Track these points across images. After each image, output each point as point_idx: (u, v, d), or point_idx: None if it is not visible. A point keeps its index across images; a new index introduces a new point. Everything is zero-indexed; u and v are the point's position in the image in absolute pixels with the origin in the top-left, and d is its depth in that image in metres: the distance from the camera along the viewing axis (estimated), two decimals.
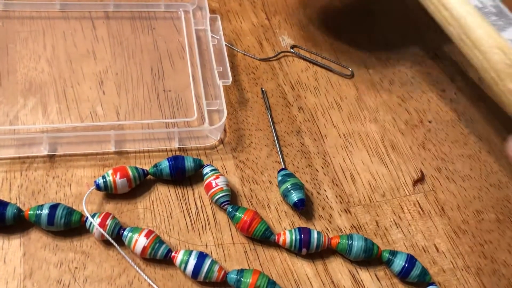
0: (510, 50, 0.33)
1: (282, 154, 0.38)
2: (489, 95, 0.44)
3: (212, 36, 0.42)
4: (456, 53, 0.46)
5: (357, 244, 0.33)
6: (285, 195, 0.35)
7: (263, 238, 0.33)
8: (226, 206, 0.34)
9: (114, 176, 0.33)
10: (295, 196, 0.34)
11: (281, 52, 0.45)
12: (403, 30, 0.48)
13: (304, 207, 0.34)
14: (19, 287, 0.30)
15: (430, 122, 0.42)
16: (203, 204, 0.35)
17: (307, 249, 0.33)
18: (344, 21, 0.48)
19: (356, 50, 0.46)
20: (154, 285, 0.31)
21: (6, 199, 0.33)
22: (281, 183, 0.35)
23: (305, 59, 0.45)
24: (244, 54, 0.44)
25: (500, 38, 0.33)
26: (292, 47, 0.45)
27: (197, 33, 0.43)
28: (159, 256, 0.31)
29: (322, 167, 0.38)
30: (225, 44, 0.42)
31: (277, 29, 0.46)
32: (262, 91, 0.41)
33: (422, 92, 0.44)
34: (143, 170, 0.35)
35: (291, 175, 0.36)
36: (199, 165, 0.35)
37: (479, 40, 0.34)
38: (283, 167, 0.37)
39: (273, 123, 0.40)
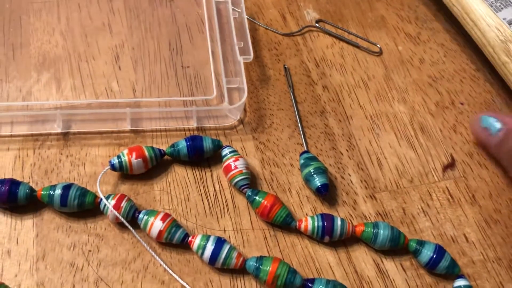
0: (504, 28, 0.38)
1: (305, 136, 0.36)
2: None
3: (233, 9, 0.40)
4: None
5: (383, 233, 0.31)
6: (307, 180, 0.33)
7: (284, 224, 0.32)
8: (245, 189, 0.32)
9: (130, 156, 0.32)
10: (318, 181, 0.33)
11: (306, 26, 0.42)
12: (435, 5, 0.46)
13: (327, 192, 0.33)
14: (32, 269, 0.29)
15: (462, 104, 0.40)
16: (222, 187, 0.33)
17: (330, 236, 0.31)
18: None
19: (385, 26, 0.44)
20: (170, 270, 0.30)
21: (18, 178, 0.32)
22: (303, 166, 0.34)
23: (330, 34, 0.42)
24: (266, 29, 0.42)
25: (497, 18, 0.38)
26: (318, 21, 0.43)
27: (217, 6, 0.41)
28: (175, 241, 0.30)
29: (347, 150, 0.36)
30: (247, 18, 0.40)
31: (301, 2, 0.44)
32: (285, 68, 0.39)
33: (455, 72, 0.41)
34: (159, 150, 0.33)
35: (314, 158, 0.34)
36: (218, 146, 0.34)
37: (478, 19, 0.39)
38: (306, 149, 0.35)
39: (296, 102, 0.38)
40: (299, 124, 0.37)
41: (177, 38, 0.40)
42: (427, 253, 0.31)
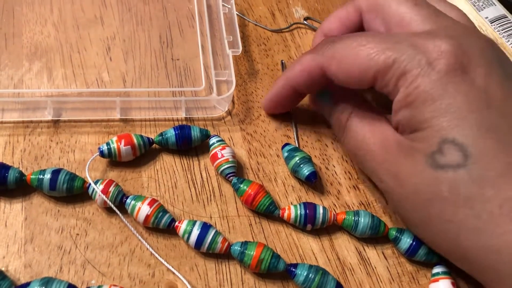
0: (486, 26, 0.41)
1: (297, 130, 0.37)
2: None
3: (223, 5, 0.41)
4: None
5: (363, 221, 0.32)
6: (295, 171, 0.34)
7: (267, 212, 0.32)
8: (231, 177, 0.33)
9: (119, 143, 0.32)
10: (306, 170, 0.33)
11: (294, 23, 0.43)
12: None
13: (317, 179, 0.33)
14: (20, 251, 0.30)
15: None
16: (209, 175, 0.34)
17: (312, 224, 0.32)
18: None
19: None
20: (156, 255, 0.30)
21: (8, 163, 0.32)
22: (288, 159, 0.34)
23: None
24: (256, 25, 0.43)
25: (479, 17, 0.41)
26: (306, 18, 0.44)
27: (207, 1, 0.42)
28: (162, 225, 0.31)
29: (332, 143, 0.37)
30: (236, 14, 0.41)
31: (290, 0, 0.45)
32: (282, 63, 0.40)
33: None
34: (148, 138, 0.34)
35: (296, 149, 0.35)
36: (206, 135, 0.34)
37: None
38: (297, 142, 0.36)
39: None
40: (293, 124, 0.37)
41: (168, 31, 0.41)
42: (406, 240, 0.32)
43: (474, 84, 0.28)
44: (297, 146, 0.36)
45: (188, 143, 0.34)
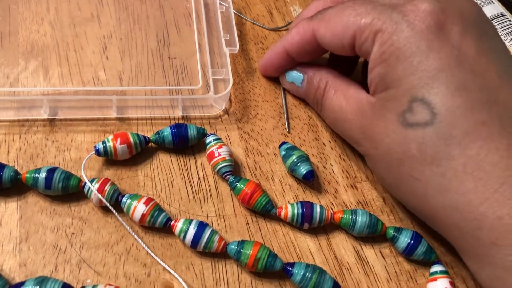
0: None
1: (288, 119, 0.37)
2: None
3: (220, 3, 0.41)
4: None
5: (361, 220, 0.32)
6: (292, 169, 0.34)
7: (264, 211, 0.32)
8: (228, 176, 0.33)
9: (115, 141, 0.32)
10: (303, 169, 0.33)
11: (292, 22, 0.43)
12: None
13: (314, 178, 0.33)
14: (15, 250, 0.29)
15: None
16: (206, 174, 0.34)
17: (309, 223, 0.32)
18: None
19: None
20: (152, 254, 0.30)
21: (4, 161, 0.32)
22: (286, 158, 0.34)
23: None
24: (253, 23, 0.43)
25: None
26: None
27: (205, 0, 0.42)
28: (158, 224, 0.30)
29: (330, 142, 0.37)
30: (234, 12, 0.40)
31: None
32: None
33: None
34: (144, 137, 0.34)
35: (294, 148, 0.34)
36: (203, 134, 0.34)
37: None
38: (287, 130, 0.37)
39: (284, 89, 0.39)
40: (284, 106, 0.37)
41: (165, 30, 0.40)
42: (404, 239, 0.31)
43: (448, 41, 0.28)
44: (293, 144, 0.36)
45: (185, 141, 0.34)
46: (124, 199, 0.31)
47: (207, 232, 0.30)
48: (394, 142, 0.29)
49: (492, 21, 0.39)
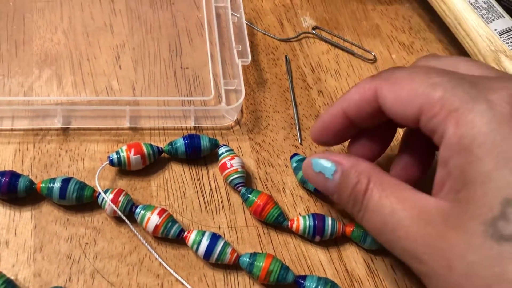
0: (495, 38, 0.40)
1: (300, 130, 0.37)
2: None
3: (232, 14, 0.41)
4: None
5: None
6: (303, 181, 0.34)
7: (276, 223, 0.32)
8: (240, 188, 0.33)
9: (128, 152, 0.32)
10: None
11: (302, 33, 0.43)
12: (428, 15, 0.47)
13: None
14: (29, 260, 0.30)
15: None
16: (218, 185, 0.34)
17: (321, 236, 0.32)
18: (368, 5, 0.47)
19: (380, 34, 0.45)
20: (165, 265, 0.30)
21: (18, 170, 0.32)
22: (297, 169, 0.34)
23: (326, 41, 0.43)
24: (264, 34, 0.43)
25: (488, 29, 0.40)
26: (314, 28, 0.44)
27: (216, 10, 0.42)
28: (171, 235, 0.31)
29: (340, 153, 0.37)
30: (245, 23, 0.41)
31: (299, 9, 0.45)
32: (286, 58, 0.41)
33: None
34: (157, 147, 0.34)
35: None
36: (215, 145, 0.35)
37: (471, 29, 0.41)
38: (299, 141, 0.37)
39: (293, 92, 0.39)
40: (296, 116, 0.38)
41: (177, 40, 0.41)
42: None
43: None
44: (304, 155, 0.36)
45: (197, 152, 0.34)
46: (138, 210, 0.31)
47: (220, 244, 0.30)
48: (480, 262, 0.22)
49: (503, 36, 0.39)
